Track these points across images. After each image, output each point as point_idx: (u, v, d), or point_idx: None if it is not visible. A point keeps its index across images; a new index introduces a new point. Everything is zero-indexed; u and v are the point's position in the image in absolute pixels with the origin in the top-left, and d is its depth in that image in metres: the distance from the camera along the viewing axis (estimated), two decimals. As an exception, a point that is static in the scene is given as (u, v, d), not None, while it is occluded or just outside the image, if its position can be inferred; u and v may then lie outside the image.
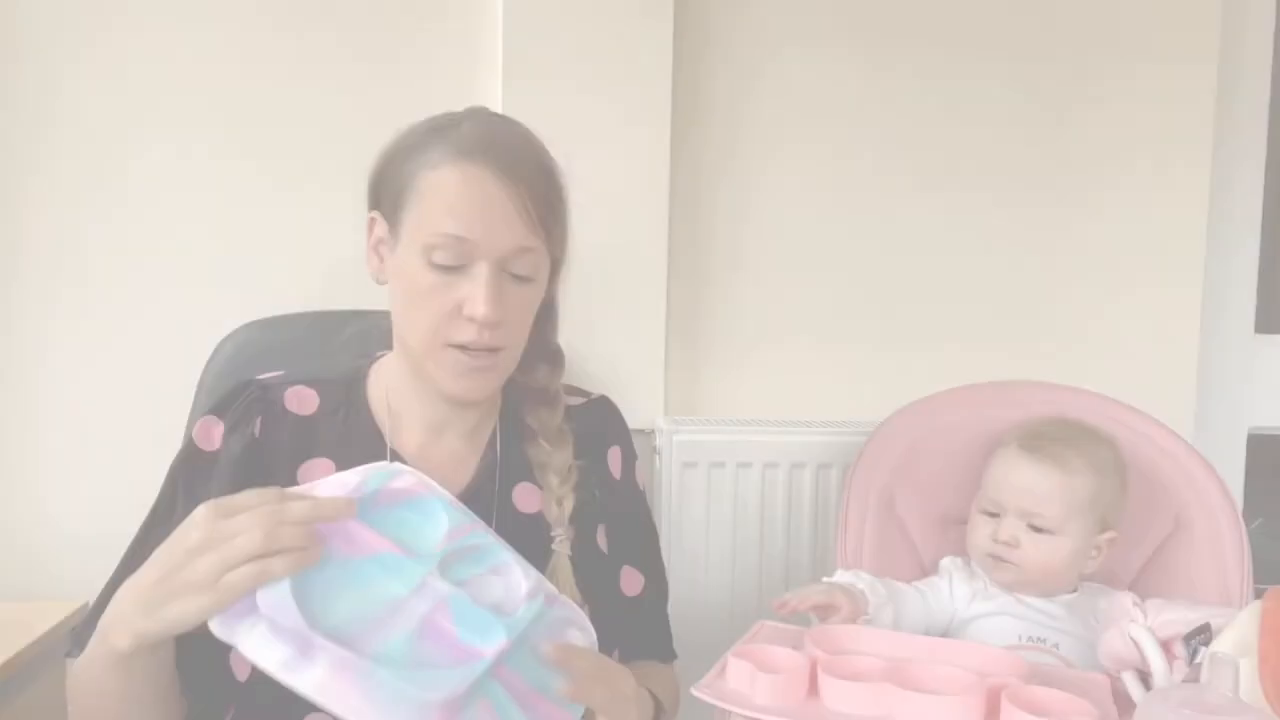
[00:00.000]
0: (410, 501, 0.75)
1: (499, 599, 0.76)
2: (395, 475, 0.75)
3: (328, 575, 0.69)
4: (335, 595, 0.69)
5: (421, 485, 0.76)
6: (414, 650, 0.70)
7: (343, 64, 1.41)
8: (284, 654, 0.65)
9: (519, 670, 0.75)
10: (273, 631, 0.66)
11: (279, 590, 0.66)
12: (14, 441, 1.38)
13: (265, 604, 0.66)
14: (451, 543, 0.75)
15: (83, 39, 1.35)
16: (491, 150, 0.84)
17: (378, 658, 0.67)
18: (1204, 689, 0.68)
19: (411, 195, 0.85)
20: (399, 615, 0.71)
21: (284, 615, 0.66)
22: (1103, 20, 1.59)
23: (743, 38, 1.54)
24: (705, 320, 1.57)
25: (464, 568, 0.75)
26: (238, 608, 0.66)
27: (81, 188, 1.37)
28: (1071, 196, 1.61)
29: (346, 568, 0.70)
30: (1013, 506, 1.07)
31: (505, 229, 0.83)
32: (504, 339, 0.86)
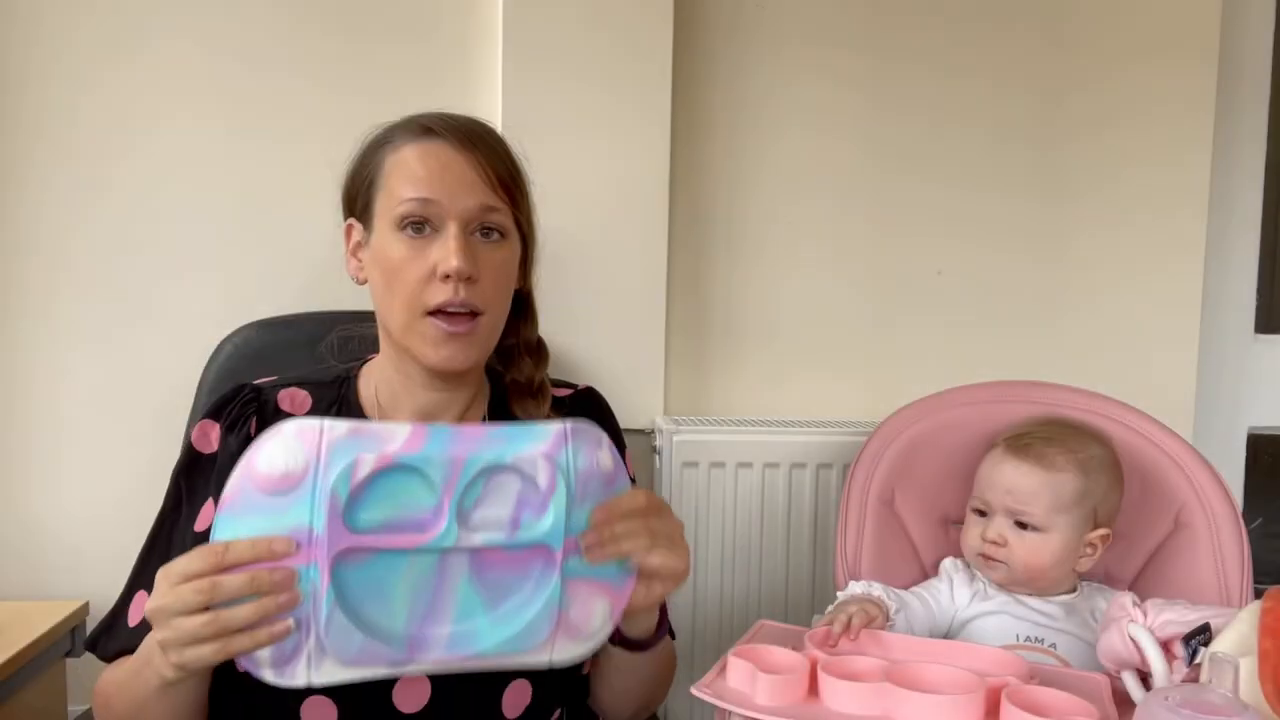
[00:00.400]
0: (387, 473, 0.73)
1: (518, 494, 0.75)
2: (354, 468, 0.71)
3: (366, 581, 0.72)
4: (383, 597, 0.72)
5: (384, 457, 0.72)
6: (483, 591, 0.75)
7: (343, 64, 1.41)
8: (376, 669, 0.72)
9: (581, 531, 0.77)
10: (344, 660, 0.71)
11: (344, 635, 0.70)
12: (14, 441, 1.39)
13: (333, 647, 0.70)
14: (452, 493, 0.73)
15: (83, 39, 1.36)
16: (448, 125, 0.89)
17: (457, 635, 0.73)
18: (1204, 689, 0.68)
19: (378, 181, 0.89)
20: (448, 574, 0.74)
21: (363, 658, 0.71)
22: (1103, 21, 1.59)
23: (743, 37, 1.54)
24: (705, 320, 1.57)
25: (473, 491, 0.74)
26: (281, 654, 0.70)
27: (80, 190, 1.37)
28: (1072, 197, 1.62)
29: (376, 567, 0.72)
30: (999, 505, 1.08)
31: (468, 190, 0.87)
32: (480, 299, 0.87)
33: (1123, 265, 1.62)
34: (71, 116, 1.36)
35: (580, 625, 0.77)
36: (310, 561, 0.70)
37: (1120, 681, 0.91)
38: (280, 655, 0.70)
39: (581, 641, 0.78)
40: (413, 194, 0.86)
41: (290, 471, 0.70)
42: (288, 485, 0.71)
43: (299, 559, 0.70)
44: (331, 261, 1.07)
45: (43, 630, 1.24)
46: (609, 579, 0.79)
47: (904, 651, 0.90)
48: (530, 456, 0.75)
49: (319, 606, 0.70)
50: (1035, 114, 1.60)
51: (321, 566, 0.70)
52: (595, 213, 1.42)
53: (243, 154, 1.40)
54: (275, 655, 0.70)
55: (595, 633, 0.79)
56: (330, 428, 0.72)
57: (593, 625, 0.78)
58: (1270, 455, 1.79)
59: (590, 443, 0.79)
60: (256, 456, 0.71)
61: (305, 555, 0.70)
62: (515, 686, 0.89)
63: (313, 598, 0.70)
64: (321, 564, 0.70)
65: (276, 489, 0.71)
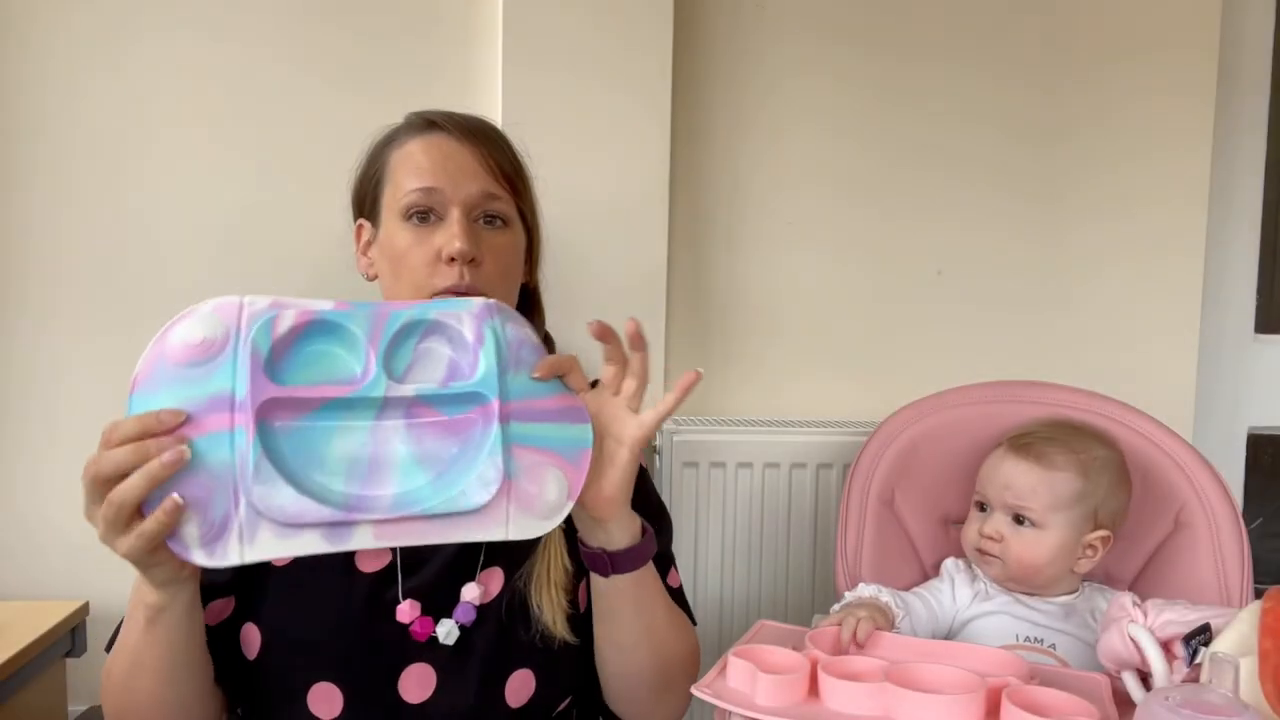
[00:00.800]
0: (309, 333, 0.72)
1: (450, 360, 0.76)
2: (274, 322, 0.70)
3: (296, 445, 0.69)
4: (319, 462, 0.70)
5: (305, 312, 0.72)
6: (422, 458, 0.73)
7: (344, 65, 1.41)
8: (313, 539, 0.68)
9: (522, 397, 0.76)
10: (283, 529, 0.67)
11: (275, 489, 0.67)
12: (13, 441, 1.39)
13: (265, 505, 0.67)
14: (378, 344, 0.73)
15: (82, 38, 1.36)
16: (450, 120, 0.92)
17: (400, 497, 0.71)
18: (1204, 689, 0.68)
19: (385, 177, 0.93)
20: (384, 440, 0.72)
21: (298, 513, 0.67)
22: (1102, 21, 1.59)
23: (742, 36, 1.54)
24: (705, 320, 1.57)
25: (401, 352, 0.74)
26: (209, 530, 0.66)
27: (82, 192, 1.37)
28: (1072, 197, 1.61)
29: (308, 433, 0.70)
30: (998, 501, 1.09)
31: (470, 178, 0.90)
32: (484, 282, 0.88)
33: (1122, 266, 1.62)
34: (71, 116, 1.36)
35: (533, 495, 0.75)
36: (234, 426, 0.67)
37: (1120, 681, 0.91)
38: (208, 531, 0.66)
39: (539, 517, 0.76)
40: (417, 184, 0.89)
41: (210, 339, 0.69)
42: (208, 353, 0.69)
43: (221, 424, 0.67)
44: (334, 260, 1.07)
45: (43, 630, 1.24)
46: (557, 448, 0.77)
47: (904, 652, 0.90)
48: (455, 314, 0.76)
49: (245, 468, 0.67)
50: (1035, 115, 1.60)
51: (248, 422, 0.67)
52: (595, 211, 1.42)
53: (243, 153, 1.39)
54: (203, 532, 0.66)
55: (553, 507, 0.76)
56: (251, 301, 0.71)
57: (548, 497, 0.76)
58: (1270, 455, 1.80)
59: (515, 320, 0.80)
60: (170, 332, 0.70)
61: (227, 420, 0.67)
62: (518, 675, 0.89)
63: (239, 461, 0.67)
64: (248, 421, 0.67)
65: (194, 359, 0.68)
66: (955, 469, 1.22)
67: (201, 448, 0.67)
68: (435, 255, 0.87)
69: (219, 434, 0.67)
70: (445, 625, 0.88)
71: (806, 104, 1.56)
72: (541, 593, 0.89)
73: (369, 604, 0.87)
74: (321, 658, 0.86)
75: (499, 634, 0.89)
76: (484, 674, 0.88)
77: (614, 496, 0.81)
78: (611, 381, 0.82)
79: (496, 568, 0.91)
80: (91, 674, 1.38)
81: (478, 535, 0.73)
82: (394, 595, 0.88)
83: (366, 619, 0.87)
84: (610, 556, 0.83)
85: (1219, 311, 1.71)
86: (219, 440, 0.67)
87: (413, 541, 0.72)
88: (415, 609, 0.88)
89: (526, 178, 0.96)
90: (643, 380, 0.81)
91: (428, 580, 0.89)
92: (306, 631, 0.86)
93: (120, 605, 0.79)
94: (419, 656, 0.87)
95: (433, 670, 0.87)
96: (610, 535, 0.83)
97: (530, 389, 0.77)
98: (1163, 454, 1.18)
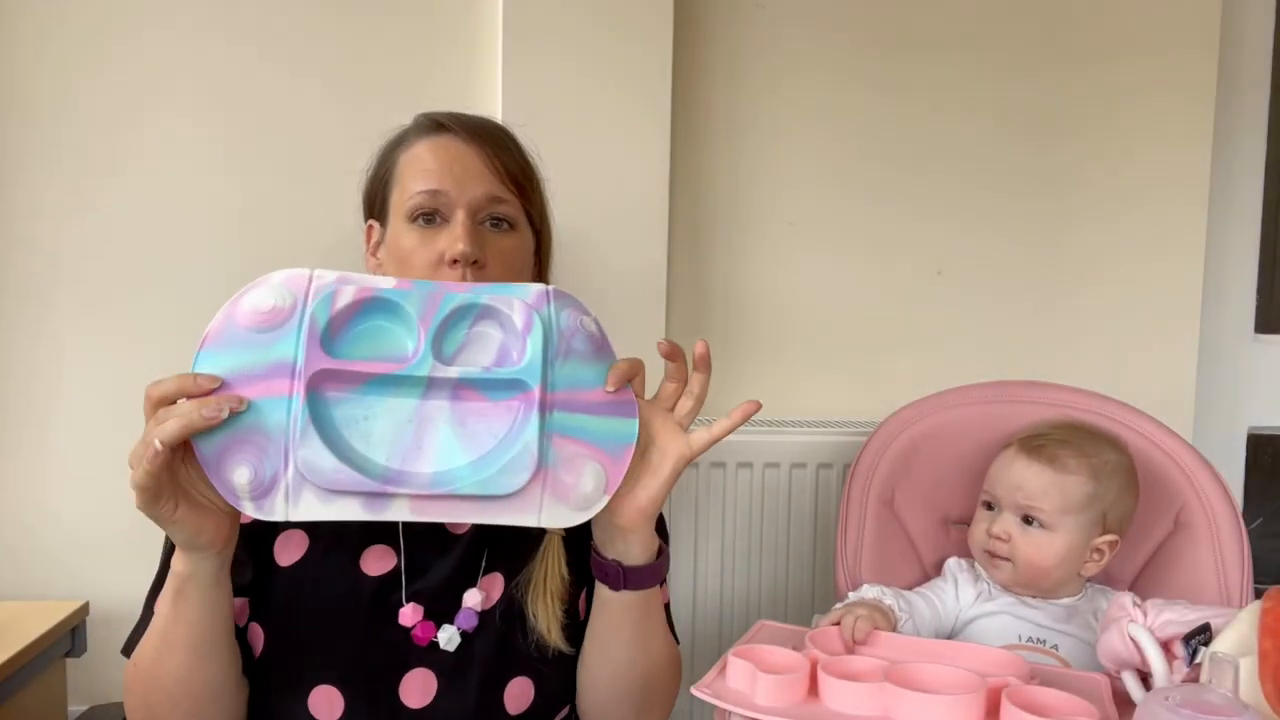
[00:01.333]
0: (367, 310, 0.75)
1: (500, 344, 0.77)
2: (334, 296, 0.74)
3: (344, 416, 0.72)
4: (364, 436, 0.73)
5: (364, 289, 0.75)
6: (464, 440, 0.74)
7: (343, 64, 1.41)
8: (352, 506, 0.71)
9: (568, 388, 0.77)
10: (325, 494, 0.70)
11: (318, 455, 0.70)
12: (14, 441, 1.39)
13: (309, 469, 0.70)
14: (429, 324, 0.74)
15: (81, 35, 1.36)
16: (457, 121, 0.93)
17: (438, 475, 0.73)
18: (1204, 689, 0.68)
19: (393, 179, 0.93)
20: (428, 419, 0.74)
21: (339, 481, 0.70)
22: (1102, 21, 1.59)
23: (742, 35, 1.54)
24: (705, 320, 1.57)
25: (454, 335, 0.76)
26: (259, 485, 0.70)
27: (85, 188, 1.37)
28: (1072, 196, 1.61)
29: (356, 405, 0.73)
30: (1008, 501, 1.09)
31: (475, 180, 0.89)
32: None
33: (1122, 265, 1.62)
34: (70, 116, 1.36)
35: (569, 485, 0.76)
36: (293, 393, 0.71)
37: (1120, 682, 0.91)
38: (258, 485, 0.70)
39: (573, 508, 0.76)
40: (423, 186, 0.89)
41: (279, 307, 0.72)
42: (275, 320, 0.72)
43: (281, 389, 0.71)
44: (335, 259, 1.07)
45: (43, 630, 1.24)
46: (598, 441, 0.77)
47: (904, 651, 0.90)
48: (507, 300, 0.77)
49: (295, 432, 0.70)
50: (1035, 114, 1.59)
51: (300, 393, 0.71)
52: (595, 211, 1.42)
53: (243, 152, 1.39)
54: (254, 485, 0.70)
55: (588, 499, 0.77)
56: (319, 275, 0.74)
57: (583, 489, 0.76)
58: (1270, 455, 1.79)
59: (574, 307, 0.80)
60: (243, 298, 0.73)
61: (286, 386, 0.71)
62: (517, 683, 0.89)
63: (292, 425, 0.70)
64: (300, 391, 0.71)
65: (262, 325, 0.72)
66: (955, 469, 1.22)
67: (261, 409, 0.70)
68: (439, 257, 0.87)
69: (278, 398, 0.71)
70: (447, 631, 0.88)
71: (807, 103, 1.56)
72: (537, 601, 0.89)
73: (373, 606, 0.87)
74: (323, 659, 0.86)
75: (499, 641, 0.89)
76: (484, 680, 0.88)
77: (646, 508, 0.81)
78: (669, 397, 0.82)
79: (497, 573, 0.91)
80: (91, 674, 1.39)
81: (510, 519, 0.75)
82: (398, 599, 0.88)
83: (370, 621, 0.87)
84: (625, 571, 0.83)
85: (1219, 311, 1.71)
86: (277, 404, 0.71)
87: (447, 518, 0.74)
88: (418, 613, 0.88)
89: (535, 179, 0.96)
90: (699, 401, 0.82)
91: (432, 584, 0.89)
92: (309, 632, 0.86)
93: (120, 605, 0.79)
94: (421, 661, 0.87)
95: (434, 676, 0.87)
96: (630, 549, 0.83)
97: (577, 379, 0.77)
98: (1163, 454, 1.18)
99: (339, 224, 1.02)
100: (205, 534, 0.72)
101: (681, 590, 1.48)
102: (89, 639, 1.35)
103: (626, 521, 0.81)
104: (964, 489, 1.20)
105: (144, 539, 0.93)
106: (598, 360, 0.79)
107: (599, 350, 0.80)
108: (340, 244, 1.04)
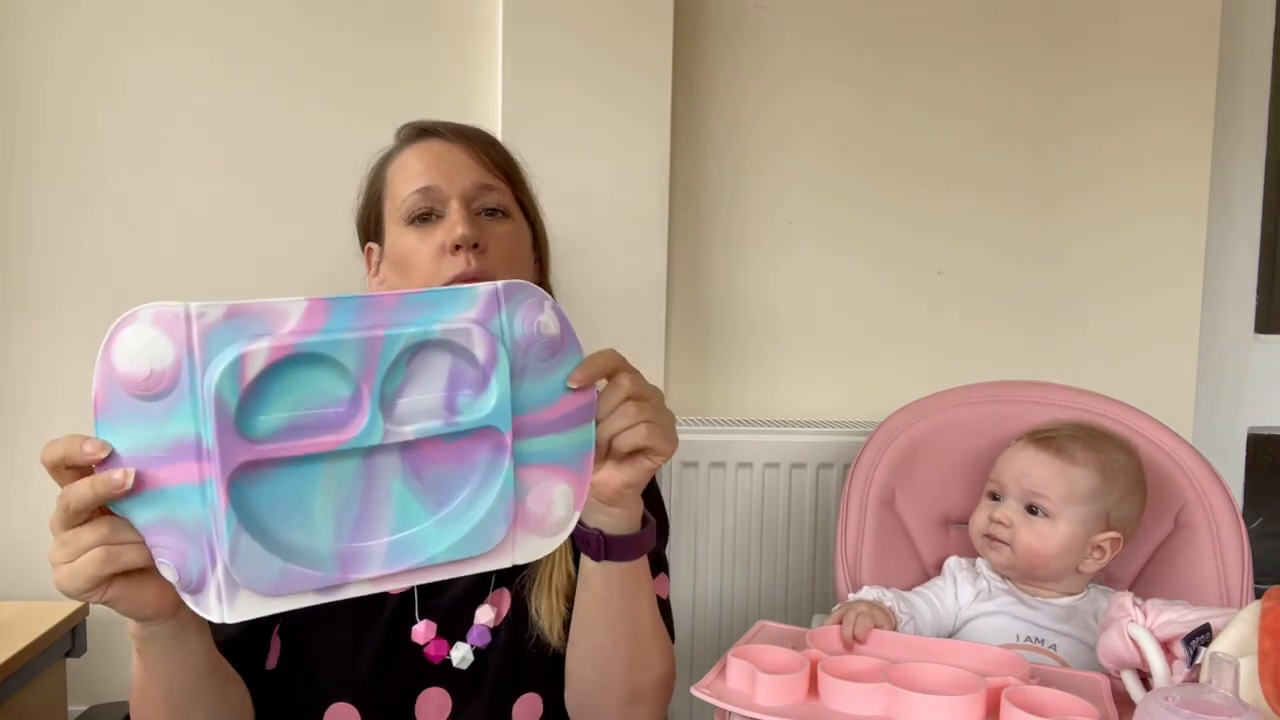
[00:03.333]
0: (289, 361, 0.58)
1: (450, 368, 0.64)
2: (241, 365, 0.57)
3: (276, 498, 0.59)
4: (302, 514, 0.60)
5: (279, 348, 0.58)
6: (421, 495, 0.64)
7: (343, 65, 1.41)
8: (304, 597, 0.60)
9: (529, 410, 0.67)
10: (262, 592, 0.59)
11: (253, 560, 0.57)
12: (14, 441, 1.39)
13: (244, 579, 0.58)
14: (372, 383, 0.60)
15: (83, 39, 1.36)
16: (440, 126, 0.94)
17: (398, 544, 0.62)
18: (1204, 689, 0.68)
19: (384, 191, 0.94)
20: (377, 478, 0.62)
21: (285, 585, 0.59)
22: (1103, 25, 1.59)
23: (742, 38, 1.54)
24: (705, 320, 1.57)
25: (397, 374, 0.61)
26: (188, 583, 0.58)
27: (86, 189, 1.37)
28: (1072, 197, 1.61)
29: (290, 480, 0.59)
30: (1013, 489, 1.09)
31: (463, 171, 0.90)
32: (492, 267, 0.87)
33: (1123, 265, 1.62)
34: (73, 118, 1.36)
35: (541, 516, 0.68)
36: (204, 478, 0.57)
37: (1120, 681, 0.91)
38: (188, 584, 0.58)
39: (545, 536, 0.68)
40: (414, 186, 0.89)
41: (157, 370, 0.57)
42: (157, 387, 0.57)
43: (188, 474, 0.57)
44: (335, 266, 1.08)
45: (43, 630, 1.24)
46: (564, 459, 0.69)
47: (904, 651, 0.90)
48: (461, 326, 0.63)
49: (220, 533, 0.57)
50: (1036, 113, 1.60)
51: (218, 485, 0.56)
52: (595, 214, 1.42)
53: (242, 158, 1.40)
54: (183, 583, 0.58)
55: (560, 523, 0.69)
56: (200, 314, 0.57)
57: (555, 515, 0.68)
58: (1270, 455, 1.79)
59: (529, 305, 0.66)
60: (113, 349, 0.58)
61: (197, 470, 0.57)
62: (527, 698, 0.90)
63: (213, 521, 0.57)
64: (217, 482, 0.56)
65: (143, 391, 0.57)
66: (955, 469, 1.22)
67: (170, 498, 0.58)
68: (440, 249, 0.87)
69: (187, 486, 0.58)
70: (460, 650, 0.88)
71: (807, 106, 1.56)
72: (541, 597, 0.89)
73: (390, 625, 0.87)
74: (341, 677, 0.86)
75: (510, 656, 0.89)
76: (496, 697, 0.88)
77: (623, 490, 0.75)
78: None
79: (504, 589, 0.92)
80: (91, 674, 1.39)
81: (482, 567, 0.67)
82: (412, 616, 0.89)
83: (386, 640, 0.87)
84: (605, 540, 0.78)
85: (1219, 311, 1.71)
86: (187, 493, 0.58)
87: (415, 582, 0.65)
88: (431, 630, 0.88)
89: (521, 173, 0.97)
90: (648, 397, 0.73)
91: (447, 602, 0.89)
92: (328, 649, 0.86)
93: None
94: (436, 680, 0.88)
95: (448, 694, 0.88)
96: (612, 518, 0.77)
97: (537, 397, 0.67)
98: (1163, 454, 1.18)
99: (340, 232, 1.02)
100: (148, 608, 0.63)
101: (681, 590, 1.48)
102: (89, 639, 1.35)
103: (609, 499, 0.75)
104: (964, 489, 1.20)
105: (144, 539, 0.93)
106: (558, 365, 0.68)
107: (558, 352, 0.68)
108: (335, 256, 1.04)
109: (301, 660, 0.86)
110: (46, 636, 1.24)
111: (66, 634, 1.31)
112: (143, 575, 0.60)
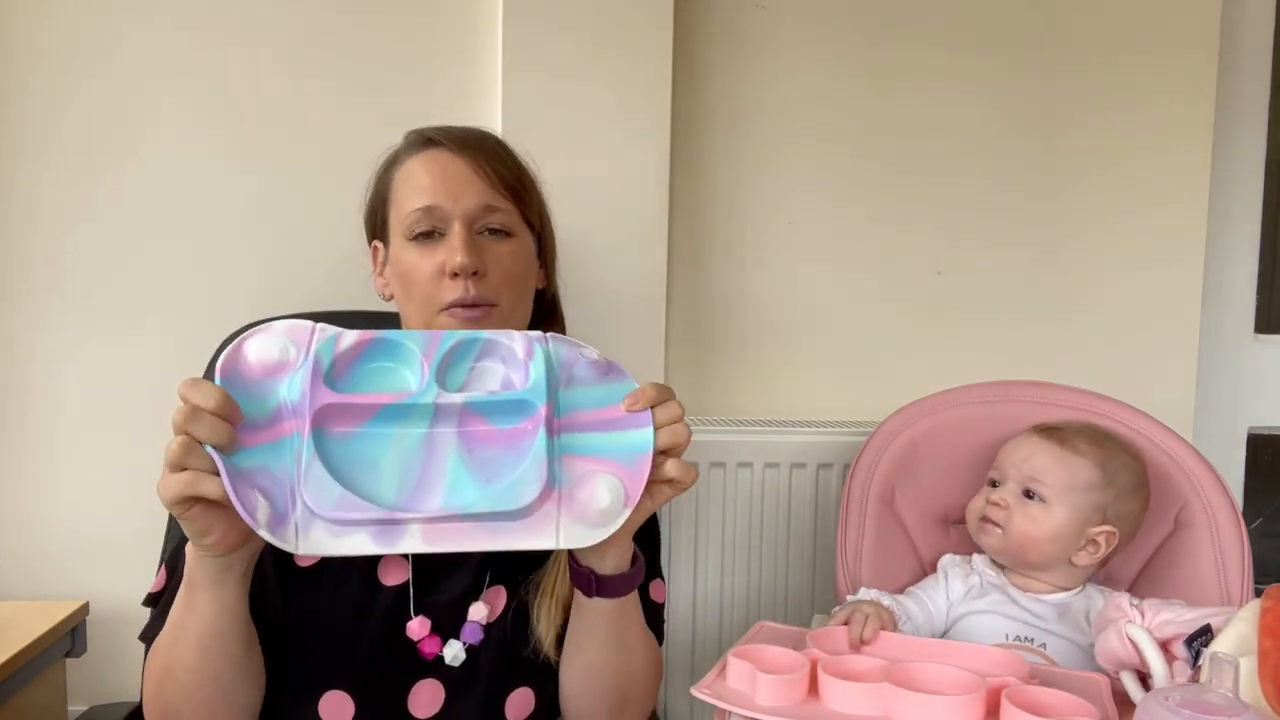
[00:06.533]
0: (370, 351, 0.76)
1: (504, 377, 0.78)
2: (338, 338, 0.76)
3: (351, 452, 0.72)
4: (372, 470, 0.72)
5: (366, 333, 0.76)
6: (472, 467, 0.74)
7: (343, 64, 1.40)
8: (362, 539, 0.70)
9: (574, 410, 0.77)
10: (334, 528, 0.70)
11: (324, 487, 0.70)
12: (14, 441, 1.38)
13: (317, 505, 0.69)
14: (431, 358, 0.76)
15: (84, 37, 1.36)
16: (448, 135, 0.93)
17: (447, 504, 0.72)
18: (1204, 689, 0.68)
19: (390, 199, 0.94)
20: (436, 449, 0.74)
21: (345, 509, 0.70)
22: (1103, 19, 1.59)
23: (742, 37, 1.54)
24: (705, 320, 1.57)
25: (457, 372, 0.77)
26: (273, 517, 0.68)
27: (86, 189, 1.37)
28: (1072, 196, 1.61)
29: (363, 440, 0.73)
30: (1013, 474, 1.10)
31: (469, 190, 0.90)
32: (491, 292, 0.89)
33: (1122, 265, 1.62)
34: (73, 115, 1.36)
35: (585, 504, 0.74)
36: (294, 432, 0.71)
37: (1119, 682, 0.91)
38: (273, 518, 0.69)
39: (591, 525, 0.74)
40: (417, 204, 0.89)
41: (284, 361, 0.74)
42: (281, 372, 0.74)
43: (284, 430, 0.72)
44: (338, 263, 1.08)
45: (43, 630, 1.24)
46: (613, 454, 0.76)
47: (904, 651, 0.90)
48: (507, 333, 0.79)
49: (301, 467, 0.70)
50: (1035, 114, 1.59)
51: (305, 428, 0.71)
52: (595, 213, 1.42)
53: (245, 154, 1.39)
54: (270, 518, 0.69)
55: (606, 513, 0.74)
56: (322, 328, 0.76)
57: (600, 504, 0.74)
58: (1270, 455, 1.79)
59: (570, 344, 0.81)
60: (248, 346, 0.74)
61: (291, 426, 0.72)
62: (519, 693, 0.91)
63: (296, 462, 0.71)
64: (305, 427, 0.71)
65: (269, 376, 0.73)
66: (955, 469, 1.22)
67: (268, 452, 0.71)
68: (440, 270, 0.88)
69: (283, 440, 0.71)
70: (453, 647, 0.88)
71: (807, 105, 1.55)
72: (543, 606, 0.90)
73: (387, 616, 0.88)
74: (337, 665, 0.87)
75: (503, 652, 0.90)
76: (489, 692, 0.89)
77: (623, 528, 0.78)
78: None
79: (500, 586, 0.92)
80: (91, 674, 1.39)
81: (528, 543, 0.73)
82: (408, 611, 0.89)
83: (382, 634, 0.88)
84: (597, 579, 0.82)
85: (1219, 311, 1.71)
86: (283, 446, 0.71)
87: (462, 546, 0.72)
88: (425, 626, 0.89)
89: (530, 184, 0.96)
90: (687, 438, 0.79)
91: (442, 598, 0.90)
92: (325, 637, 0.87)
93: (120, 605, 0.79)
94: (430, 673, 0.88)
95: (442, 687, 0.88)
96: (603, 559, 0.82)
97: (583, 401, 0.78)
98: (1163, 454, 1.18)
99: (342, 231, 1.03)
100: (212, 534, 0.71)
101: (681, 590, 1.48)
102: (89, 639, 1.35)
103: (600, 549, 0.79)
104: (964, 489, 1.20)
105: (144, 540, 0.93)
106: (605, 383, 0.79)
107: (605, 374, 0.80)
108: (342, 252, 1.04)
109: (301, 649, 0.87)
110: (46, 636, 1.24)
111: (66, 634, 1.31)
112: (216, 506, 0.68)
